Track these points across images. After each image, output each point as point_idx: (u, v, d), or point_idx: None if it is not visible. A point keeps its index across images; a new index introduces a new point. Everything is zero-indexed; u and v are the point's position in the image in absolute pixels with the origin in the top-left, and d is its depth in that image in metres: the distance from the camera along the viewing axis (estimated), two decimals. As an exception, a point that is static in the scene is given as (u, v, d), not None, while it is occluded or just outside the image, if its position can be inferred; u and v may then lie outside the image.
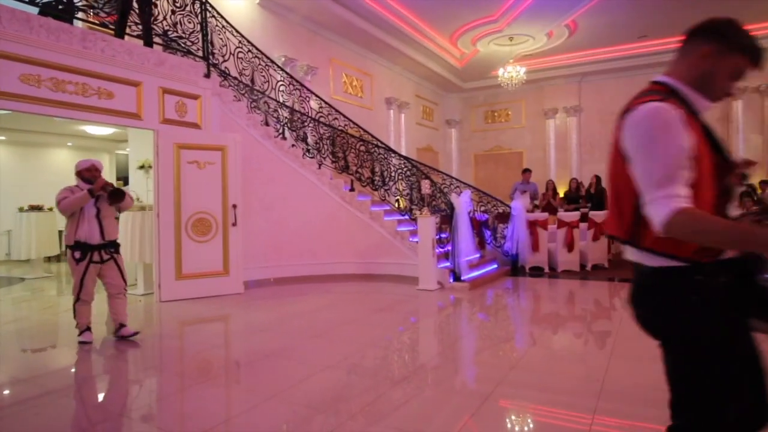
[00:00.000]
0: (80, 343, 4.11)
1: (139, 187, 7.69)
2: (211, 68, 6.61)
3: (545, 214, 8.15)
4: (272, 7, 9.25)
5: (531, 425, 2.67)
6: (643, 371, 3.26)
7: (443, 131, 16.74)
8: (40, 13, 5.10)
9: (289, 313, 5.50)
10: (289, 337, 4.49)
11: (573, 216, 7.98)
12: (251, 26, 8.80)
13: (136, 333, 4.28)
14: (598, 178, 10.14)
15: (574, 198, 9.93)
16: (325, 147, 7.68)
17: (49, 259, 9.45)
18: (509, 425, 2.66)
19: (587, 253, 8.03)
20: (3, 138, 10.16)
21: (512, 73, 11.98)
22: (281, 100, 7.68)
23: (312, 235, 7.27)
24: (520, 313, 5.80)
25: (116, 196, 4.01)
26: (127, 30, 5.76)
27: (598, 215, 8.07)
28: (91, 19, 5.69)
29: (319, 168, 7.45)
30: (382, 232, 7.29)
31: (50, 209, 8.86)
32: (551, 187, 10.06)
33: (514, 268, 7.99)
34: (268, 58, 7.44)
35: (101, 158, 12.05)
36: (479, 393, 3.03)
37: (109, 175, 11.66)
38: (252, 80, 7.24)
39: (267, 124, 7.33)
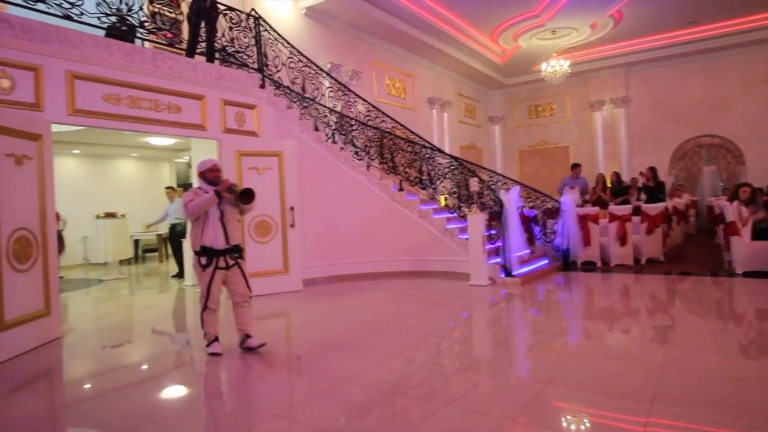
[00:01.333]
0: (210, 354, 3.89)
1: (202, 193, 8.20)
2: (266, 79, 7.00)
3: (596, 209, 8.08)
4: (317, 16, 9.61)
5: (583, 424, 2.68)
6: (701, 370, 3.26)
7: (486, 128, 16.71)
8: (107, 35, 5.57)
9: (347, 308, 5.78)
10: (348, 330, 4.76)
11: (625, 209, 7.87)
12: (299, 36, 9.19)
13: (262, 344, 3.96)
14: (653, 170, 9.87)
15: (619, 191, 9.73)
16: (373, 149, 7.93)
17: (122, 262, 10.19)
18: (561, 422, 2.66)
19: (641, 247, 7.90)
20: (77, 151, 11.03)
21: (555, 66, 11.87)
22: (330, 106, 8.00)
23: (364, 234, 7.53)
24: (573, 307, 5.83)
25: (247, 196, 3.69)
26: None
27: (651, 208, 7.93)
28: (153, 39, 6.16)
29: (368, 169, 7.71)
30: (432, 230, 7.46)
31: (123, 216, 9.58)
32: (601, 181, 9.91)
33: (565, 263, 7.97)
34: (316, 66, 7.77)
35: (162, 167, 12.86)
36: (532, 388, 3.08)
37: (169, 182, 12.41)
38: (303, 88, 7.59)
39: (317, 129, 7.67)
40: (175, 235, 8.38)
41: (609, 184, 10.17)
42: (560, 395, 2.98)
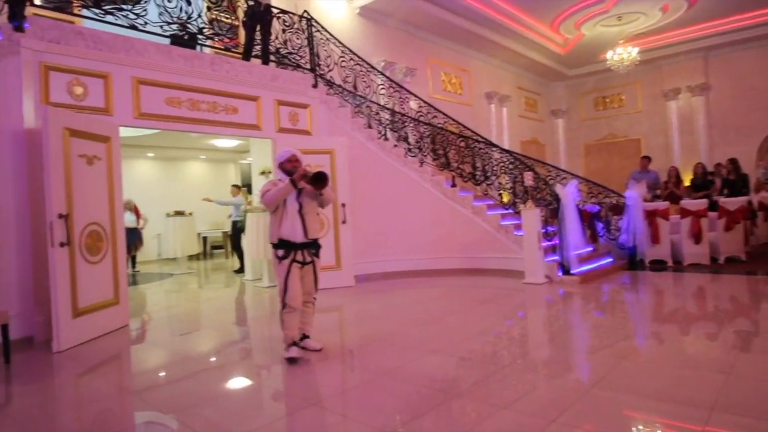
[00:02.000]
0: (287, 359, 3.63)
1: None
2: (318, 78, 7.13)
3: (665, 203, 7.51)
4: (371, 14, 9.67)
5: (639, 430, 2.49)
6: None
7: (549, 122, 16.06)
8: (172, 43, 5.94)
9: (397, 304, 5.76)
10: (397, 324, 4.73)
11: (699, 204, 7.25)
12: (352, 35, 9.29)
13: (319, 349, 3.82)
14: (734, 162, 8.96)
15: (702, 185, 8.95)
16: (426, 145, 7.85)
17: (191, 257, 10.82)
18: (618, 428, 2.48)
19: (719, 245, 7.25)
20: (151, 155, 11.84)
21: (623, 54, 11.16)
22: (382, 103, 8.01)
23: (416, 231, 7.48)
24: (639, 308, 5.44)
25: (319, 180, 3.45)
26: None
27: (730, 202, 7.25)
28: (212, 44, 6.46)
29: (421, 166, 7.64)
30: (486, 227, 7.27)
31: (190, 214, 10.16)
32: (674, 175, 9.19)
33: (631, 261, 7.48)
34: (368, 64, 7.81)
35: (227, 168, 13.49)
36: (593, 392, 2.90)
37: (234, 182, 12.99)
38: (354, 86, 7.66)
39: (370, 126, 7.71)
40: (236, 232, 8.75)
41: (692, 177, 9.34)
42: (622, 401, 2.79)
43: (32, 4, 4.61)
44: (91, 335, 4.55)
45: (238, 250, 8.81)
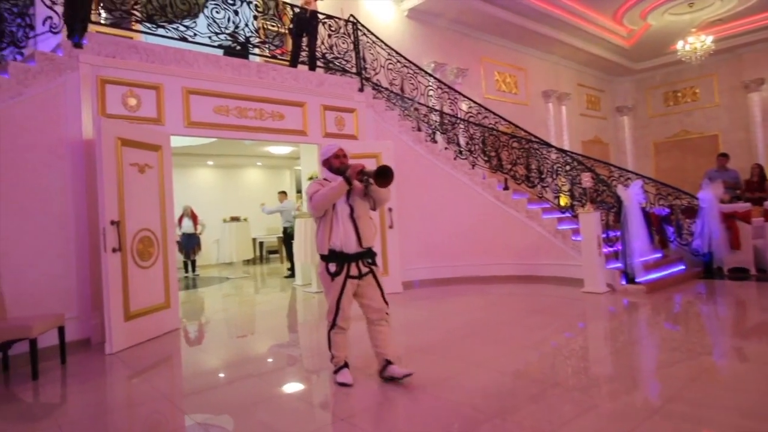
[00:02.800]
0: (338, 384, 3.20)
1: (310, 197, 8.58)
2: (364, 82, 7.06)
3: (746, 205, 6.76)
4: (420, 16, 9.52)
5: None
6: None
7: (613, 120, 15.15)
8: (225, 54, 6.10)
9: (444, 312, 5.53)
10: (442, 334, 4.51)
11: (788, 205, 6.47)
12: (401, 38, 9.18)
13: (408, 374, 3.10)
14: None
15: (757, 187, 7.99)
16: (477, 147, 7.56)
17: (246, 262, 11.11)
18: None
19: (813, 251, 6.42)
20: (211, 163, 12.32)
21: (696, 44, 10.27)
22: (430, 105, 7.82)
23: (466, 236, 7.20)
24: (717, 322, 4.86)
25: (384, 176, 2.87)
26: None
27: (827, 203, 6.41)
28: (259, 53, 6.55)
29: (473, 168, 7.37)
30: (541, 231, 6.87)
31: (245, 219, 10.43)
32: (756, 173, 8.30)
33: (707, 269, 6.78)
34: (416, 66, 7.65)
35: (282, 174, 13.78)
36: (667, 408, 2.61)
37: (289, 188, 13.25)
38: (402, 89, 7.53)
39: (419, 129, 7.54)
40: (287, 238, 8.86)
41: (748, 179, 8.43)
42: (702, 417, 2.50)
43: (91, 22, 4.84)
44: (142, 338, 4.69)
45: (289, 255, 8.92)
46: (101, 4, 5.20)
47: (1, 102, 4.18)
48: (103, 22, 5.35)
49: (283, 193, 9.68)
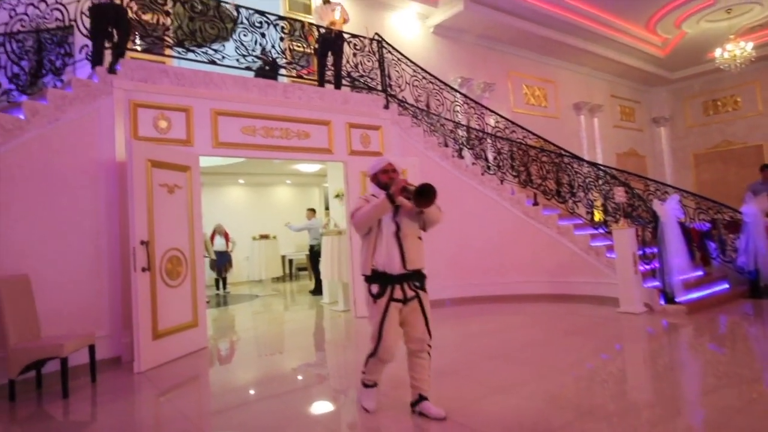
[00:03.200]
0: (362, 407, 3.10)
1: (337, 213, 8.60)
2: (390, 99, 7.07)
3: (796, 219, 6.36)
4: (445, 32, 9.53)
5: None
6: None
7: (649, 131, 14.69)
8: (256, 75, 6.25)
9: (469, 332, 5.38)
10: (466, 356, 4.38)
11: (843, 219, 6.05)
12: (427, 54, 9.20)
13: (443, 418, 2.88)
14: None
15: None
16: (505, 162, 7.43)
17: (275, 279, 11.19)
18: None
19: None
20: (242, 181, 12.56)
21: (735, 51, 9.89)
22: (457, 120, 7.76)
23: (495, 253, 7.04)
24: (767, 345, 4.55)
25: (425, 195, 2.65)
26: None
27: None
28: (286, 73, 6.66)
29: (501, 183, 7.23)
30: (573, 248, 6.64)
31: (274, 237, 10.54)
32: (805, 184, 7.81)
33: (753, 288, 6.37)
34: (441, 81, 7.63)
35: (311, 191, 13.90)
36: None
37: (318, 205, 13.36)
38: (427, 105, 7.50)
39: (446, 145, 7.48)
40: (313, 255, 8.88)
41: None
42: None
43: (126, 49, 5.04)
44: (170, 356, 4.73)
45: (315, 272, 8.93)
46: (136, 32, 5.41)
47: (39, 128, 4.37)
48: (137, 48, 5.54)
49: (312, 211, 9.74)
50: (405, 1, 8.98)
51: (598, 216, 7.08)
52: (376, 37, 7.11)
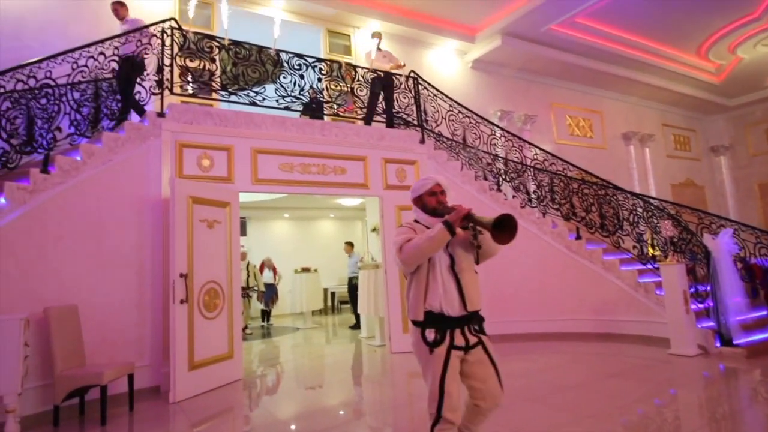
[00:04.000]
0: None
1: (374, 247, 8.63)
2: (426, 134, 7.14)
3: None
4: (484, 66, 9.59)
5: None
6: None
7: (707, 160, 13.95)
8: (302, 113, 6.51)
9: (512, 372, 5.13)
10: (509, 398, 4.18)
11: None
12: (465, 89, 9.27)
13: None
14: None
15: None
16: (546, 194, 7.25)
17: (316, 312, 11.28)
18: None
19: None
20: (287, 215, 12.92)
21: (797, 74, 9.31)
22: (495, 153, 7.70)
23: (537, 289, 6.79)
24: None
25: (506, 229, 2.14)
26: (357, 114, 6.82)
27: None
28: (327, 113, 6.90)
29: (543, 216, 7.04)
30: (620, 284, 6.31)
31: (315, 270, 10.68)
32: None
33: (828, 330, 5.78)
34: (478, 115, 7.63)
35: (353, 225, 14.07)
36: None
37: (360, 239, 13.47)
38: (464, 139, 7.50)
39: (485, 178, 7.42)
40: (352, 289, 8.90)
41: None
42: None
43: (172, 93, 5.42)
44: (205, 387, 4.83)
45: (353, 306, 8.93)
46: (185, 78, 5.81)
47: (93, 168, 4.73)
48: (183, 93, 5.93)
49: (349, 245, 9.81)
50: (443, 38, 9.16)
51: (651, 251, 6.71)
52: (413, 75, 7.27)
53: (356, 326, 8.73)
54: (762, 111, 13.17)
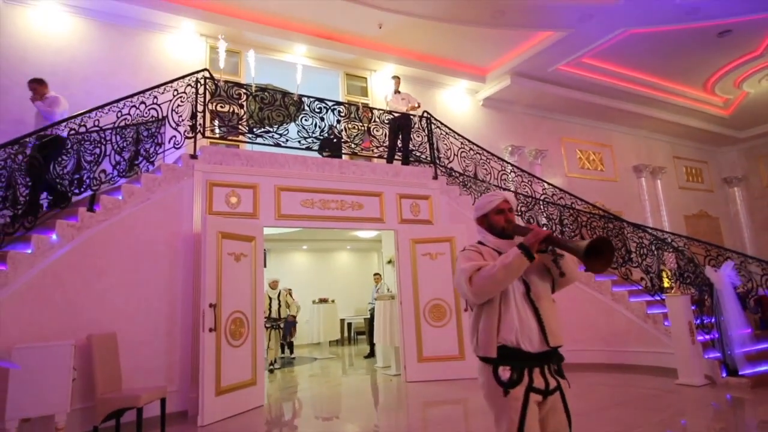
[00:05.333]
0: None
1: (389, 279, 8.91)
2: (438, 170, 7.51)
3: None
4: (495, 104, 10.03)
5: None
6: None
7: (721, 192, 14.03)
8: (319, 149, 6.96)
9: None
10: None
11: None
12: (477, 125, 9.69)
13: None
14: None
15: None
16: (556, 227, 7.51)
17: (333, 343, 11.48)
18: None
19: None
20: (305, 247, 13.32)
21: (802, 109, 9.53)
22: (505, 188, 8.02)
23: (547, 320, 6.97)
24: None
25: (600, 254, 1.85)
26: (373, 152, 7.26)
27: None
28: (345, 152, 7.35)
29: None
30: (629, 316, 6.47)
31: (332, 301, 10.97)
32: None
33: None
34: (488, 152, 8.00)
35: (371, 257, 14.38)
36: None
37: (378, 270, 13.73)
38: (475, 174, 7.86)
39: (495, 212, 7.71)
40: (372, 317, 9.14)
41: None
42: None
43: (204, 137, 5.92)
44: (230, 413, 5.11)
45: (370, 335, 9.15)
46: (215, 122, 6.33)
47: (133, 206, 5.19)
48: (213, 137, 6.44)
49: (378, 276, 9.98)
50: (455, 79, 9.65)
51: (667, 282, 6.87)
52: (426, 114, 7.71)
53: (370, 355, 8.92)
54: (774, 142, 13.31)
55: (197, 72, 6.12)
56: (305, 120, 6.59)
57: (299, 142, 6.51)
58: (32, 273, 4.46)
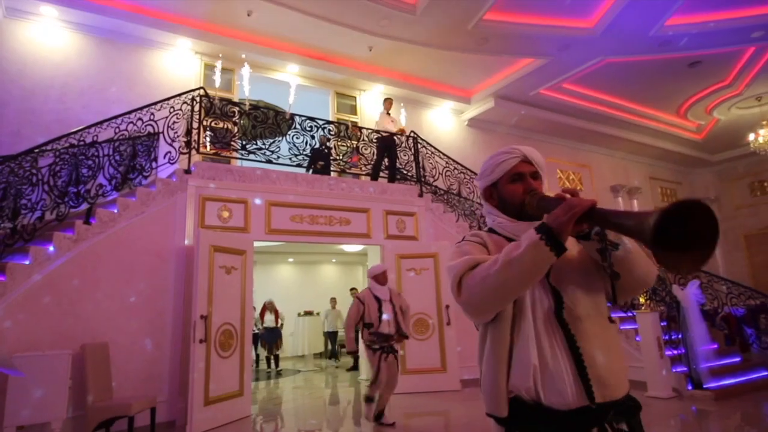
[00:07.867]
0: None
1: (376, 292, 9.10)
2: (424, 188, 7.79)
3: (836, 306, 6.25)
4: (479, 124, 10.39)
5: None
6: None
7: (694, 212, 14.55)
8: (308, 166, 7.19)
9: (470, 416, 5.54)
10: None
11: None
12: (462, 144, 10.03)
13: None
14: None
15: None
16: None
17: (317, 355, 11.60)
18: None
19: None
20: (291, 260, 13.46)
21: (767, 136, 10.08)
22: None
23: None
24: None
25: (692, 223, 0.99)
26: (361, 170, 7.51)
27: None
28: (335, 168, 7.59)
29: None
30: (604, 331, 6.76)
31: (317, 314, 11.12)
32: None
33: (798, 376, 6.20)
34: (472, 171, 8.32)
35: (355, 270, 14.55)
36: None
37: (361, 283, 13.89)
38: (459, 192, 8.16)
39: (480, 228, 8.01)
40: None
41: None
42: None
43: (198, 153, 6.11)
44: (218, 423, 5.23)
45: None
46: (207, 138, 6.52)
47: (127, 219, 5.34)
48: (207, 152, 6.63)
49: (355, 290, 10.26)
50: (441, 99, 10.00)
51: (642, 299, 7.19)
52: (412, 134, 8.01)
53: (354, 367, 9.07)
54: (744, 166, 13.91)
55: (193, 90, 6.33)
56: (296, 138, 6.82)
57: (290, 159, 6.73)
58: (29, 283, 4.58)
